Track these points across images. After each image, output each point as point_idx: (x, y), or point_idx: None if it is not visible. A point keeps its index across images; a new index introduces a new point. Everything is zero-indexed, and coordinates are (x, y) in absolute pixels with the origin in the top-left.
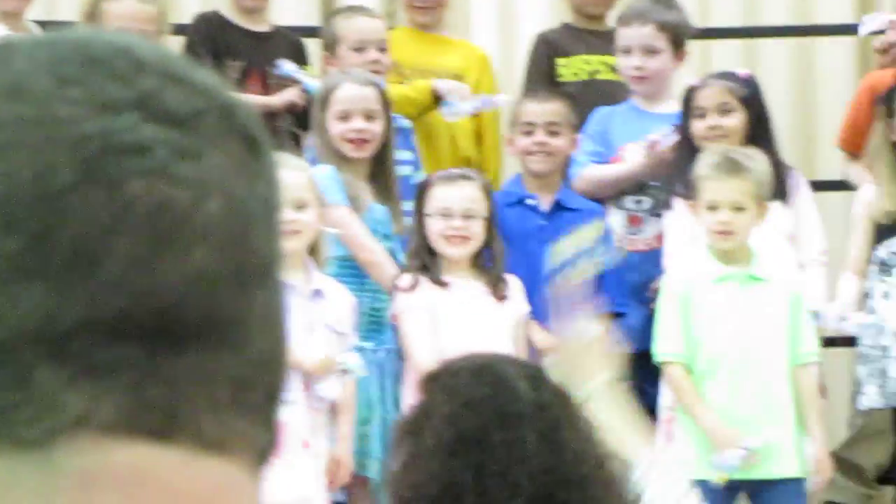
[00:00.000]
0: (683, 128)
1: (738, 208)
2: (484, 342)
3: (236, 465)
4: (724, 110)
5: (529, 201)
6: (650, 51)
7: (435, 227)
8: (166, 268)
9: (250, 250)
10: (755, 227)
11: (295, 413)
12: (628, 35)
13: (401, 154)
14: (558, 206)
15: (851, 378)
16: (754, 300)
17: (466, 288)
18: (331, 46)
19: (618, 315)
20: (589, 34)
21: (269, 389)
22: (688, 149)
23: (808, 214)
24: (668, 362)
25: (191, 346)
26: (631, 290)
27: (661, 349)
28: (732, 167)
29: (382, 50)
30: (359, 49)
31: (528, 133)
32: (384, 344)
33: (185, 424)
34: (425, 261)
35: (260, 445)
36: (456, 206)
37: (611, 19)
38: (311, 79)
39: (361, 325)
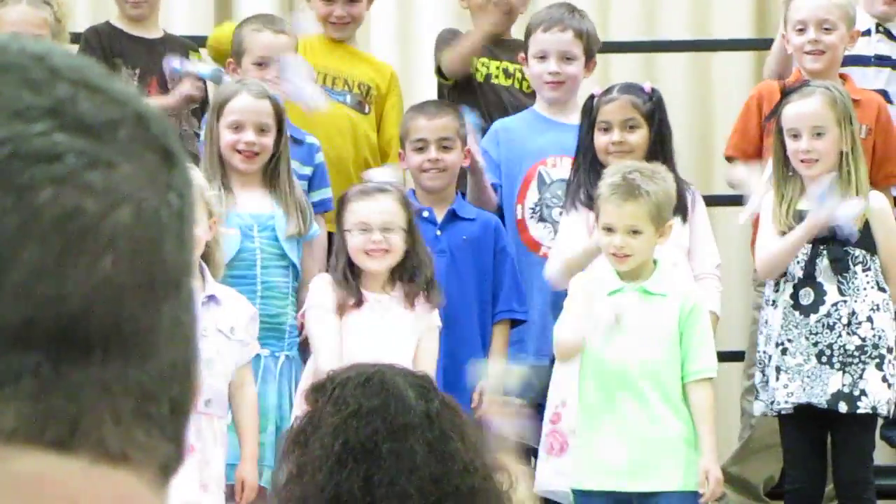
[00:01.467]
0: (585, 138)
1: (634, 231)
2: (390, 353)
3: (138, 476)
4: (629, 126)
5: (425, 213)
6: (567, 57)
7: (354, 242)
8: (73, 276)
9: (160, 261)
10: (655, 246)
11: None
12: (546, 40)
13: (301, 168)
14: (453, 216)
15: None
16: (645, 315)
17: (380, 300)
18: (237, 54)
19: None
20: (493, 43)
21: (176, 402)
22: (591, 160)
23: (702, 230)
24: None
25: (96, 356)
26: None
27: (558, 334)
28: (629, 191)
29: None
30: (260, 64)
31: (420, 150)
32: (282, 350)
33: (88, 435)
34: (347, 276)
35: (163, 458)
36: (374, 220)
37: (515, 30)
38: (203, 66)
39: (260, 332)
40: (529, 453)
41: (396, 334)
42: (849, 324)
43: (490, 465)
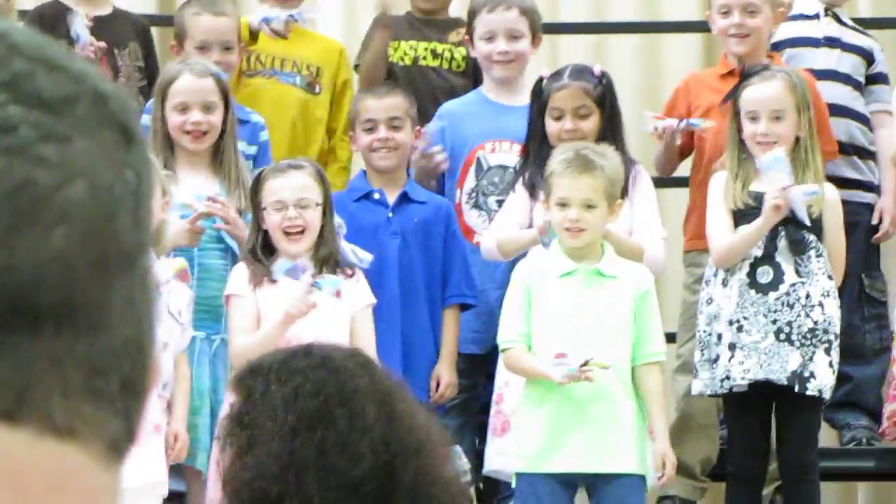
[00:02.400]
0: (535, 123)
1: (589, 206)
2: (316, 334)
3: (85, 452)
4: (581, 115)
5: (376, 196)
6: (514, 35)
7: (271, 221)
8: (23, 247)
9: (114, 237)
10: (607, 224)
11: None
12: (492, 20)
13: (247, 148)
14: (405, 198)
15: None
16: (599, 297)
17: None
18: (179, 37)
19: (467, 307)
20: (423, 23)
21: (127, 380)
22: (541, 143)
23: (646, 204)
24: (508, 348)
25: (46, 329)
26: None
27: (503, 336)
28: (584, 165)
29: (227, 49)
30: (202, 48)
31: (370, 130)
32: (218, 333)
33: (35, 406)
34: (261, 256)
35: (112, 435)
36: (288, 196)
37: (453, 9)
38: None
39: (195, 313)
40: (475, 434)
41: (325, 314)
42: (805, 305)
43: (430, 425)
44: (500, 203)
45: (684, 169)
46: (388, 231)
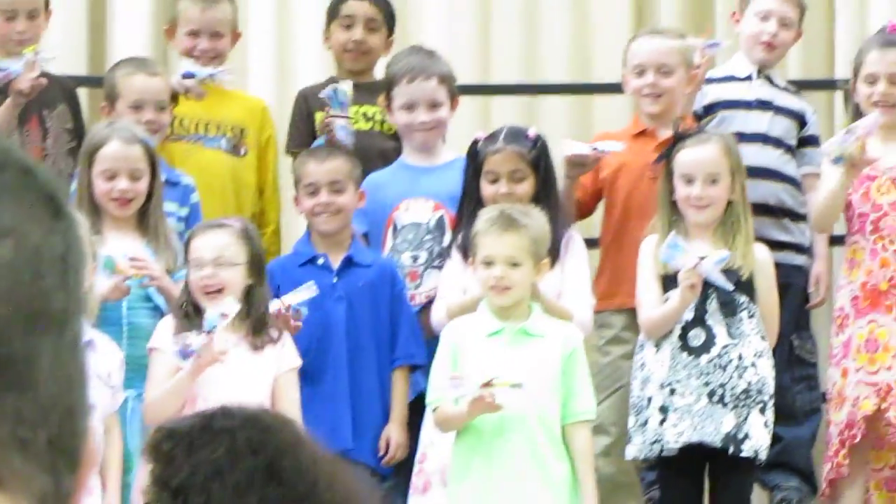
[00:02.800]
0: (470, 185)
1: (514, 264)
2: (233, 395)
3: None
4: (517, 178)
5: (320, 261)
6: (434, 104)
7: (191, 279)
8: None
9: (41, 296)
10: (531, 283)
11: None
12: (412, 90)
13: (178, 210)
14: (349, 262)
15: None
16: (526, 356)
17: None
18: (110, 98)
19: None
20: (353, 88)
21: (56, 437)
22: (476, 206)
23: (576, 271)
24: (437, 406)
25: None
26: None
27: (431, 396)
28: (508, 223)
29: (161, 109)
30: (136, 107)
31: (313, 193)
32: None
33: None
34: (188, 312)
35: (40, 490)
36: (207, 255)
37: (377, 72)
38: (12, 62)
39: (126, 372)
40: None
41: (243, 375)
42: (737, 367)
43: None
44: (413, 259)
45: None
46: (333, 296)
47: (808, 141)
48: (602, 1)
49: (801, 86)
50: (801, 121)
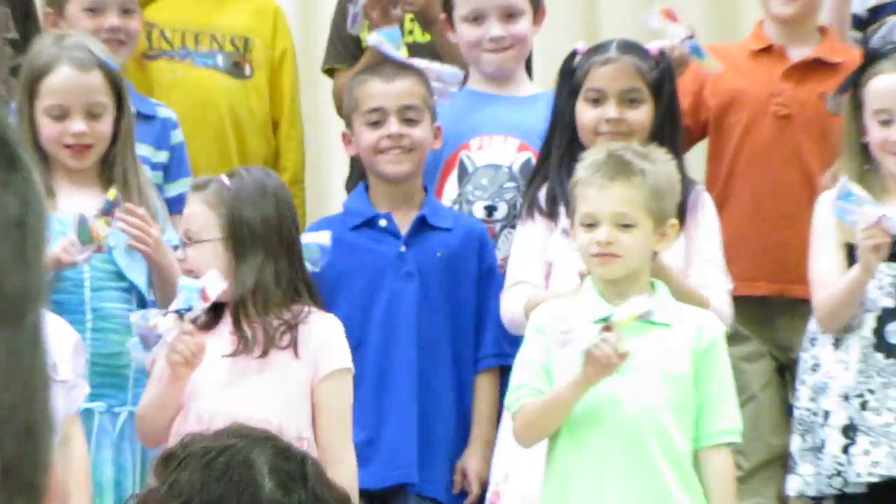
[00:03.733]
0: (563, 111)
1: (626, 224)
2: (269, 411)
3: None
4: (630, 99)
5: (382, 222)
6: (511, 13)
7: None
8: None
9: None
10: (650, 251)
11: None
12: None
13: (154, 155)
14: (423, 224)
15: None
16: (645, 352)
17: (219, 337)
18: (58, 1)
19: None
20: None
21: (13, 465)
22: (570, 142)
23: (708, 241)
24: (519, 408)
25: None
26: None
27: (511, 397)
28: (619, 167)
29: (127, 12)
30: (94, 9)
31: (376, 124)
32: (124, 404)
33: None
34: None
35: None
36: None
37: None
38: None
39: (91, 377)
40: None
41: (273, 383)
42: None
43: None
44: (488, 211)
45: None
46: (399, 272)
47: None
48: None
49: None
50: None
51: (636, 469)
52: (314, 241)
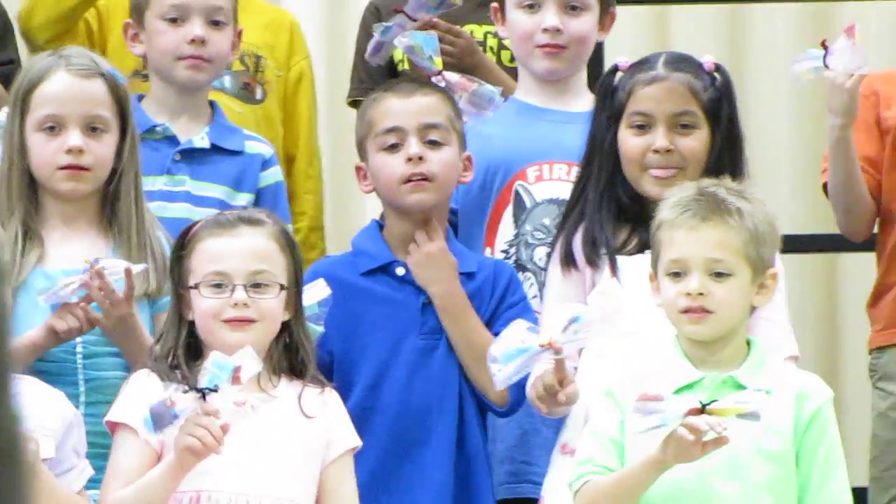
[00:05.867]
0: (600, 140)
1: (720, 273)
2: (265, 490)
3: None
4: (683, 125)
5: (400, 270)
6: (572, 5)
7: (204, 307)
8: None
9: None
10: (747, 304)
11: None
12: None
13: (233, 197)
14: None
15: None
16: (738, 424)
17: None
18: (139, 9)
19: None
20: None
21: None
22: (610, 174)
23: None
24: (580, 486)
25: None
26: None
27: (573, 473)
28: (712, 207)
29: (217, 24)
30: (174, 20)
31: (393, 147)
32: None
33: None
34: (179, 363)
35: None
36: (239, 267)
37: None
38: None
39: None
40: None
41: (275, 457)
42: None
43: None
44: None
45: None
46: (422, 329)
47: None
48: None
49: None
50: None
51: None
52: (312, 300)
